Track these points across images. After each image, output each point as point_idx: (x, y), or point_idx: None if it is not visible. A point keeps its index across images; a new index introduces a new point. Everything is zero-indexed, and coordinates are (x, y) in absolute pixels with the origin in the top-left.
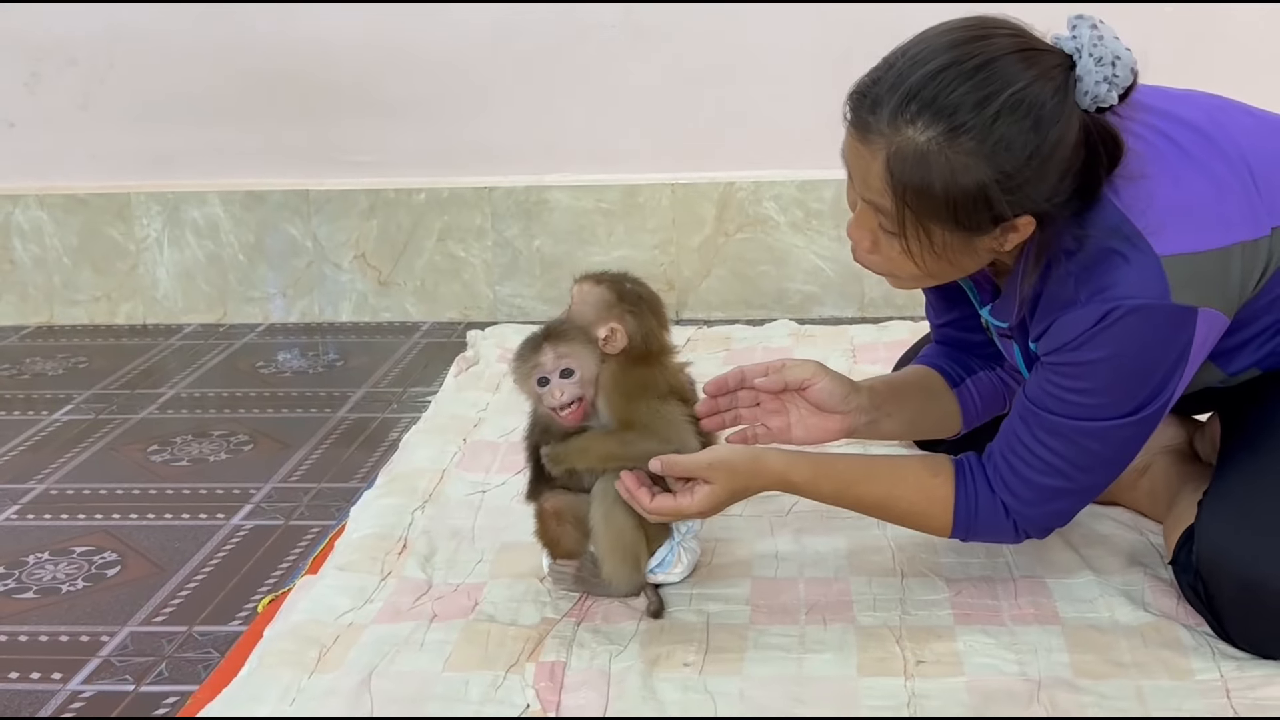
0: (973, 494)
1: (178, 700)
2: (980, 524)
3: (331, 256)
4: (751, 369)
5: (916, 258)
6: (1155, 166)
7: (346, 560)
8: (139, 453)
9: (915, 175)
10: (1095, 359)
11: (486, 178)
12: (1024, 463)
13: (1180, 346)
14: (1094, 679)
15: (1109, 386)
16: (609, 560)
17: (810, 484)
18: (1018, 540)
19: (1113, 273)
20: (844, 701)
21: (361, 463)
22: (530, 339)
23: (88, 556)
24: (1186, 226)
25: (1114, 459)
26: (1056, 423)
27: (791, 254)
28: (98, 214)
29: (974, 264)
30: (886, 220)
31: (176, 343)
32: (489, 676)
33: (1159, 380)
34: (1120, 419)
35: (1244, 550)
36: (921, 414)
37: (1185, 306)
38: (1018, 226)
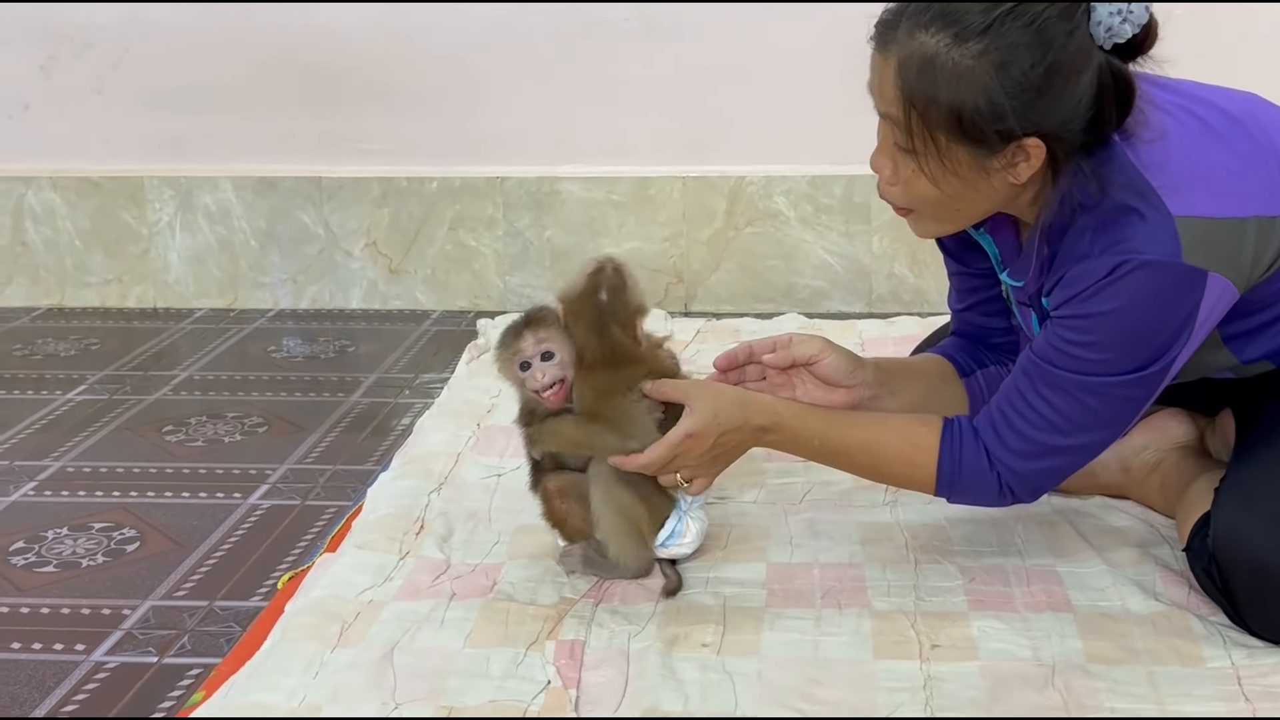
0: (958, 443)
1: (201, 672)
2: (963, 476)
3: (343, 244)
4: (759, 344)
5: (930, 176)
6: (1177, 135)
7: (365, 539)
8: (154, 433)
9: (922, 80)
10: (1103, 311)
11: (499, 168)
12: (1020, 416)
13: (1187, 309)
14: (1107, 664)
15: (1114, 341)
16: (614, 540)
17: (797, 418)
18: (1001, 500)
19: (1127, 228)
20: (861, 684)
21: (375, 447)
22: (511, 326)
23: (106, 532)
24: (1203, 191)
25: (1111, 419)
26: (1059, 376)
27: (801, 249)
28: (110, 197)
29: (990, 196)
30: (900, 134)
31: (187, 327)
32: (509, 653)
33: (1164, 341)
34: (1122, 376)
35: (1260, 535)
36: (927, 397)
37: (1195, 268)
38: (1027, 150)
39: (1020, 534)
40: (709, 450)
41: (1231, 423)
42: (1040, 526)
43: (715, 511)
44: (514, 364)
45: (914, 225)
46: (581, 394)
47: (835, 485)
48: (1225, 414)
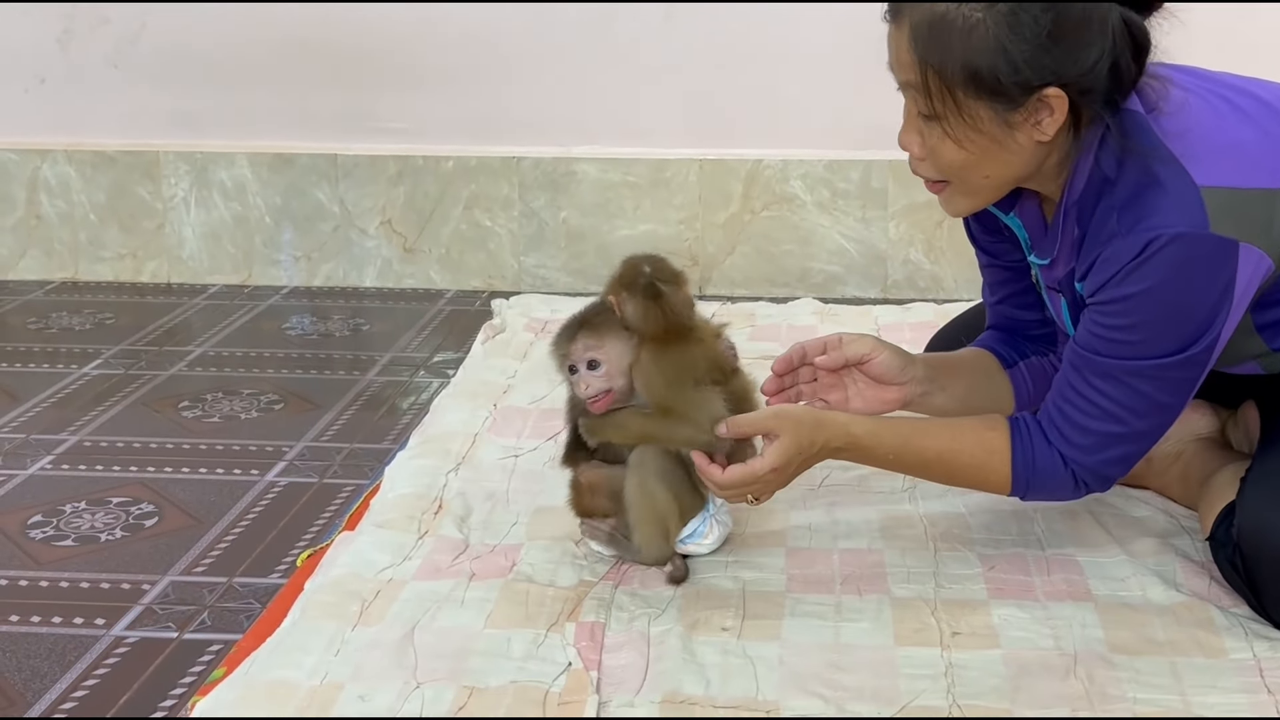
0: (1029, 445)
1: (221, 648)
2: (1038, 475)
3: (358, 222)
4: (811, 345)
5: (955, 138)
6: (1202, 111)
7: (384, 518)
8: (170, 408)
9: (935, 39)
10: (1138, 292)
11: (515, 148)
12: (1077, 409)
13: (1224, 281)
14: (1129, 655)
15: (1154, 321)
16: (641, 529)
17: (872, 436)
18: (1077, 493)
19: (1152, 203)
20: (883, 670)
21: (391, 425)
22: (567, 326)
23: (125, 507)
24: (1229, 161)
25: (1167, 403)
26: (1107, 365)
27: (816, 233)
28: (126, 172)
29: (1017, 157)
30: (921, 100)
31: (201, 302)
32: (530, 634)
33: (1204, 317)
34: (1168, 358)
35: None
36: (975, 391)
37: (1226, 239)
38: (1050, 103)
39: (1040, 523)
40: (786, 477)
41: (1254, 414)
42: (1060, 516)
43: None
44: (563, 366)
45: (945, 203)
46: (652, 384)
47: (854, 471)
48: (1247, 406)
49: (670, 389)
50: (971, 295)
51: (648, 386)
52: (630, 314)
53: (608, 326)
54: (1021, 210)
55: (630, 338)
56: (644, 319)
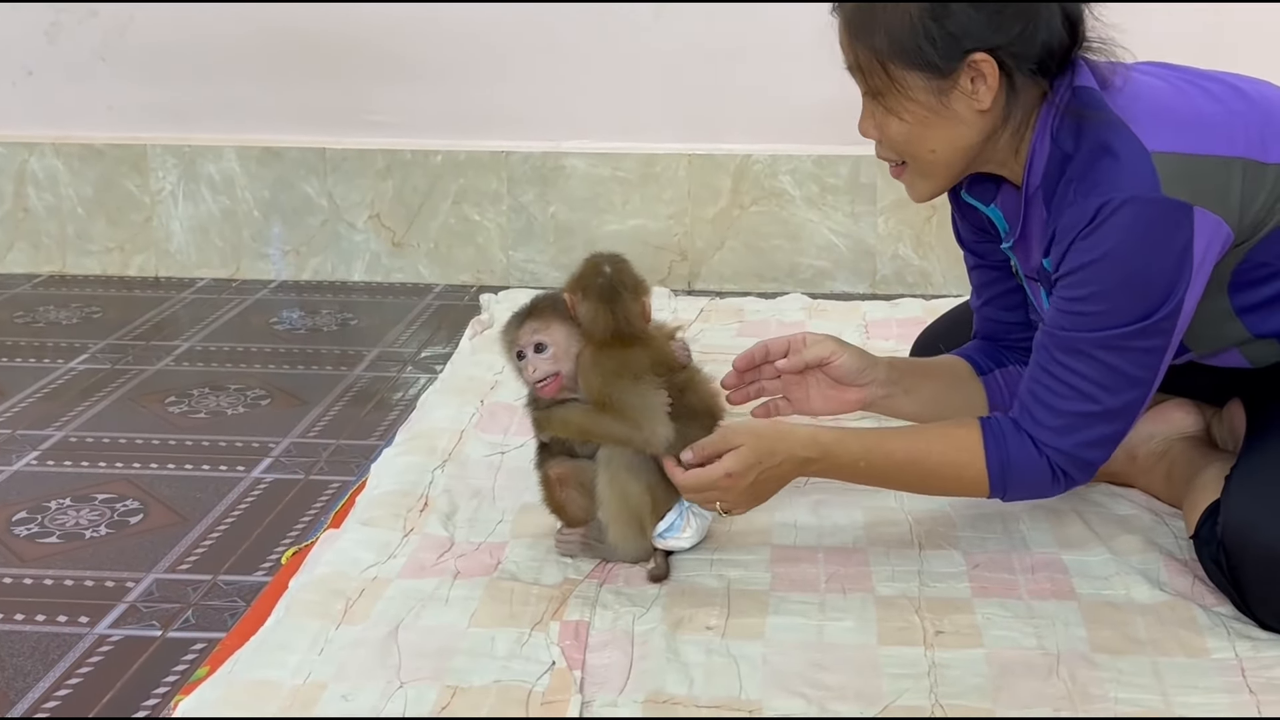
0: (1001, 438)
1: (205, 646)
2: (1014, 468)
3: (346, 216)
4: (775, 345)
5: (897, 111)
6: (1161, 89)
7: (369, 516)
8: (156, 403)
9: (863, 18)
10: (1094, 259)
11: (504, 142)
12: (1048, 390)
13: (1179, 246)
14: (1111, 654)
15: (1113, 289)
16: (614, 526)
17: (838, 443)
18: (1055, 486)
19: (1103, 170)
20: (866, 669)
21: (378, 421)
22: (514, 315)
23: (110, 504)
24: (1182, 130)
25: (1137, 376)
26: (1073, 339)
27: (805, 228)
28: (113, 165)
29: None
30: (862, 81)
31: (189, 296)
32: (514, 633)
33: (1164, 282)
34: (1131, 325)
35: (1272, 525)
36: (943, 396)
37: (1179, 201)
38: (980, 68)
39: (1025, 521)
40: (749, 487)
41: (1239, 413)
42: (1045, 514)
43: None
44: (511, 353)
45: (908, 187)
46: (589, 380)
47: None
48: (1233, 404)
49: (606, 384)
50: (960, 291)
51: (585, 381)
52: (582, 314)
53: (555, 312)
54: (1002, 201)
55: (575, 326)
56: (593, 321)
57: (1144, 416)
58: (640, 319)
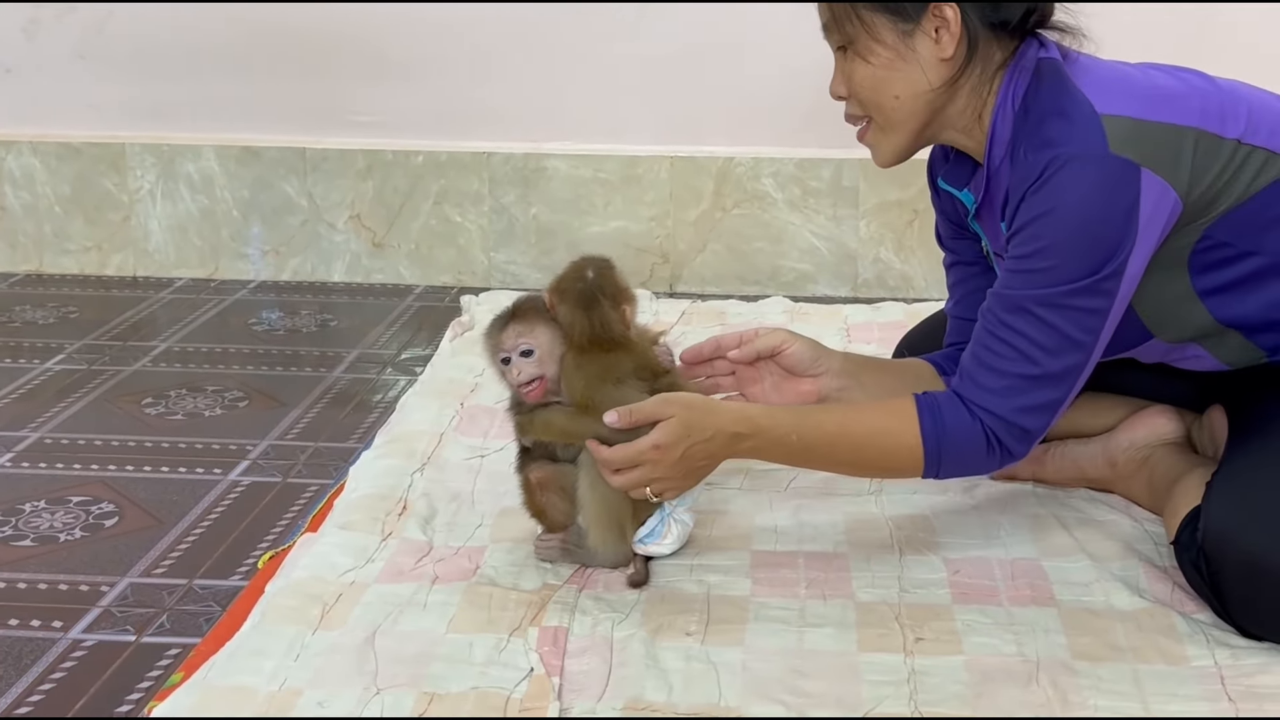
0: (936, 407)
1: (180, 652)
2: (948, 436)
3: (326, 216)
4: (726, 339)
5: (864, 54)
6: (1122, 65)
7: (347, 519)
8: (133, 405)
9: None
10: (1041, 214)
11: (486, 143)
12: (989, 350)
13: (1124, 204)
14: (1091, 661)
15: (1058, 244)
16: (594, 530)
17: (768, 417)
18: (990, 458)
19: (1052, 129)
20: (845, 675)
21: (357, 423)
22: (497, 318)
23: (85, 506)
24: (1135, 97)
25: (1078, 339)
26: (1016, 297)
27: (787, 231)
28: (91, 164)
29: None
30: (835, 32)
31: (167, 296)
32: (492, 639)
33: (1109, 239)
34: (1075, 283)
35: (1252, 530)
36: (901, 391)
37: (1125, 160)
38: (945, 15)
39: (1005, 527)
40: (679, 462)
41: (1220, 419)
42: (1025, 519)
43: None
44: (495, 357)
45: (873, 147)
46: (572, 383)
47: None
48: (1213, 410)
49: (589, 387)
50: (941, 294)
51: (568, 385)
52: (561, 317)
53: (538, 315)
54: (976, 186)
55: (558, 329)
56: (572, 325)
57: (1125, 424)
58: (620, 325)
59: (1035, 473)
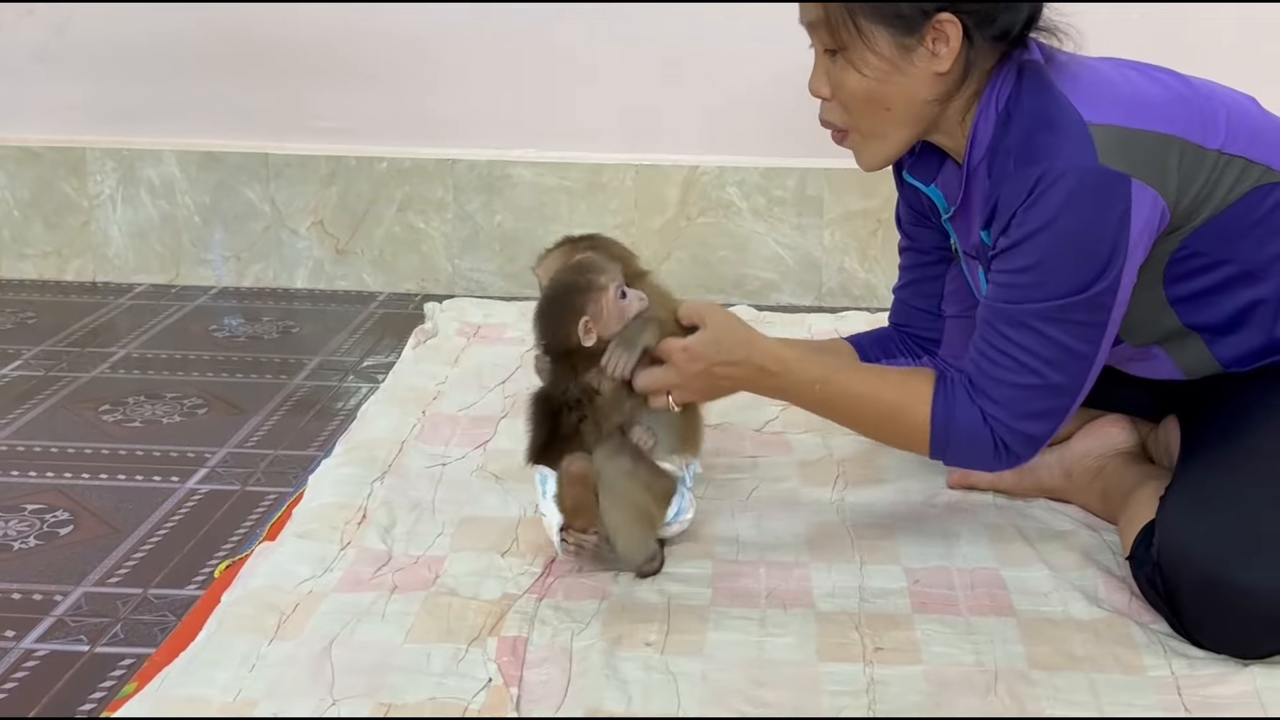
0: (951, 396)
1: (134, 662)
2: (956, 427)
3: (289, 222)
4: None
5: (857, 64)
6: (1103, 67)
7: (305, 528)
8: (90, 412)
9: None
10: (1033, 230)
11: (450, 150)
12: (992, 363)
13: (1116, 217)
14: (1048, 671)
15: (1052, 259)
16: (623, 534)
17: (799, 363)
18: (998, 459)
19: (1041, 142)
20: (805, 685)
21: (318, 431)
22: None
23: (39, 514)
24: (1120, 105)
25: (1078, 350)
26: (1014, 311)
27: (752, 240)
28: (51, 168)
29: (916, 88)
30: (826, 35)
31: (127, 302)
32: (450, 649)
33: (1102, 253)
34: (1071, 298)
35: (1206, 546)
36: None
37: (1115, 172)
38: (944, 29)
39: (965, 536)
40: (702, 374)
41: (1175, 429)
42: (984, 529)
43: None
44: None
45: (857, 153)
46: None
47: (783, 483)
48: (1168, 421)
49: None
50: None
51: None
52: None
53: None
54: (943, 181)
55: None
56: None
57: (1079, 434)
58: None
59: (994, 483)
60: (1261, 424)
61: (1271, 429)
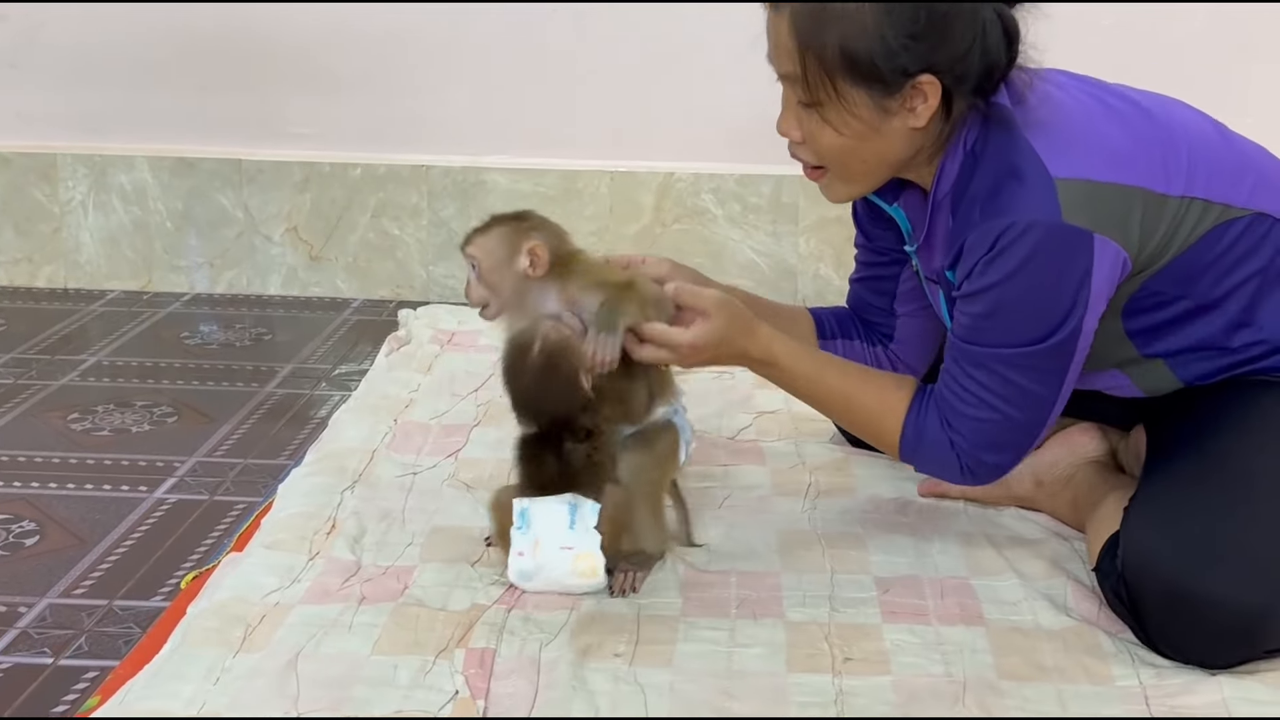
0: (923, 418)
1: (98, 675)
2: (924, 447)
3: (262, 228)
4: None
5: (833, 124)
6: (1068, 106)
7: (274, 539)
8: (59, 420)
9: (814, 26)
10: (996, 281)
11: (424, 156)
12: (957, 398)
13: (1078, 272)
14: (1018, 681)
15: (1013, 309)
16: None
17: (790, 356)
18: (963, 478)
19: (1007, 194)
20: (773, 697)
21: (289, 440)
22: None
23: (5, 525)
24: (1086, 156)
25: (1039, 393)
26: (977, 353)
27: (727, 247)
28: (21, 174)
29: (892, 144)
30: (800, 89)
31: (99, 309)
32: (418, 661)
33: (1063, 306)
34: (1032, 346)
35: (1170, 558)
36: None
37: (1079, 229)
38: (924, 90)
39: (935, 544)
40: (703, 358)
41: (1144, 439)
42: (955, 537)
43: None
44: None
45: (826, 190)
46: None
47: (754, 491)
48: (1137, 430)
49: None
50: None
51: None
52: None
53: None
54: (905, 202)
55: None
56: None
57: (1049, 442)
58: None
59: (964, 491)
60: (1224, 434)
61: (1234, 439)
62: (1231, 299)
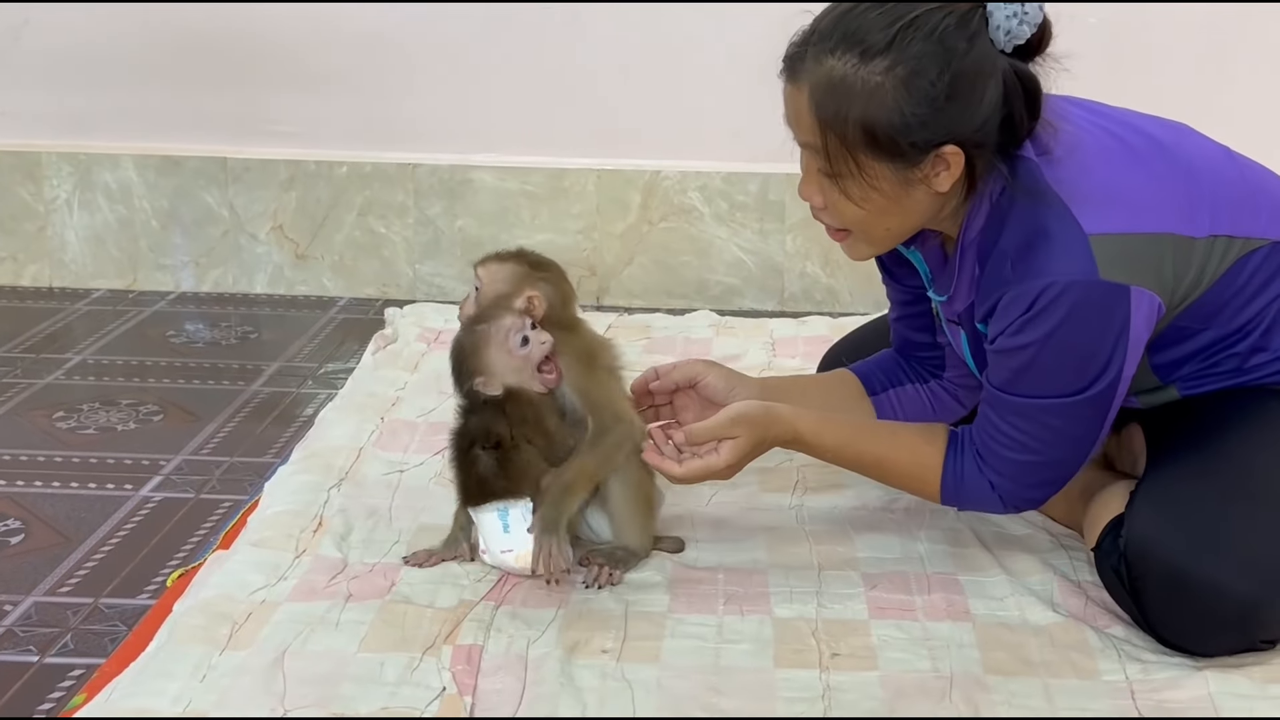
0: (960, 466)
1: (83, 673)
2: (966, 492)
3: (248, 227)
4: (648, 373)
5: (857, 198)
6: (1092, 152)
7: (260, 536)
8: (44, 419)
9: (834, 102)
10: (1035, 340)
11: (411, 154)
12: (996, 442)
13: (1118, 324)
14: (1004, 676)
15: (1053, 366)
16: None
17: (814, 434)
18: (1005, 511)
19: (1042, 253)
20: (761, 693)
21: (275, 438)
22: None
23: None
24: (1117, 208)
25: (1080, 435)
26: (1017, 403)
27: (714, 245)
28: (6, 173)
29: (915, 210)
30: (822, 161)
31: (84, 308)
32: (405, 658)
33: (1102, 359)
34: (1073, 397)
35: (1174, 541)
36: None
37: (1116, 284)
38: (947, 159)
39: (923, 542)
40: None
41: (1138, 435)
42: (942, 534)
43: None
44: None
45: (849, 250)
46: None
47: (742, 489)
48: (1130, 428)
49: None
50: (867, 309)
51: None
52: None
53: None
54: (923, 246)
55: None
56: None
57: None
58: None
59: None
60: (1229, 434)
61: (1238, 439)
62: (1252, 325)
